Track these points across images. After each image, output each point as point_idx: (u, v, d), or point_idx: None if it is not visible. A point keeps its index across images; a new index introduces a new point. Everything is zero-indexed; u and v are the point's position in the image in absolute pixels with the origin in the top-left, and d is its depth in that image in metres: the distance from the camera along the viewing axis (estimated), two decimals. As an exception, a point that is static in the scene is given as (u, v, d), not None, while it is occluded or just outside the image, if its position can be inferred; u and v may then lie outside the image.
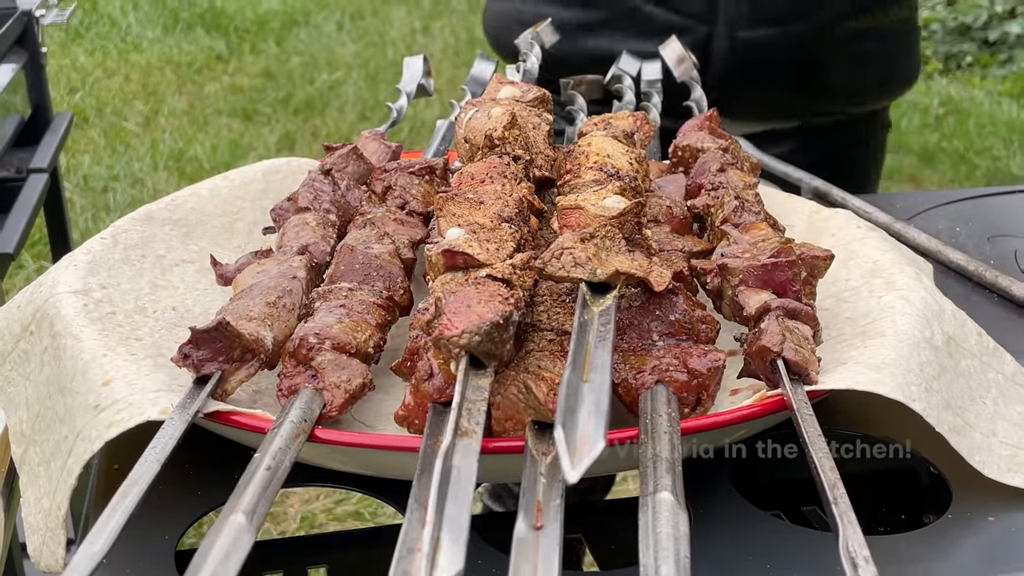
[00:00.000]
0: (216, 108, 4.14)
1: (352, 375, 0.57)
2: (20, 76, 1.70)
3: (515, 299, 0.54)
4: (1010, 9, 4.41)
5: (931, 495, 0.61)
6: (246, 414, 0.55)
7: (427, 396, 0.54)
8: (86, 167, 3.54)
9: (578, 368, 0.48)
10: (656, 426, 0.51)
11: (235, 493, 0.46)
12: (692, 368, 0.56)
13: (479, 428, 0.48)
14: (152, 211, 0.76)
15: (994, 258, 0.86)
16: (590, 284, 0.55)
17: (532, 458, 0.49)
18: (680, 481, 0.46)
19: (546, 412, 0.52)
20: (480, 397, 0.50)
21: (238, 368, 0.58)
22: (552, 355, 0.56)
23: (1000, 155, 3.67)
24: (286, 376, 0.57)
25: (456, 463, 0.45)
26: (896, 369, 0.56)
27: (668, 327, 0.59)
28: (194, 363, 0.57)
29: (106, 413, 0.54)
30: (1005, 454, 0.58)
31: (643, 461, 0.48)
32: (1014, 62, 4.31)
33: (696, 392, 0.56)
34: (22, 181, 1.53)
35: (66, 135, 1.77)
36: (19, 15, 1.69)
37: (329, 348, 0.58)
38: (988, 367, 0.62)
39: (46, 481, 0.56)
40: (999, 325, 0.65)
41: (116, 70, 4.58)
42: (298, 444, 0.51)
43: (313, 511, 1.95)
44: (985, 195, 1.00)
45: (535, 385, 0.53)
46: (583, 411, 0.44)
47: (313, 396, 0.56)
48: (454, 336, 0.51)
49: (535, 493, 0.46)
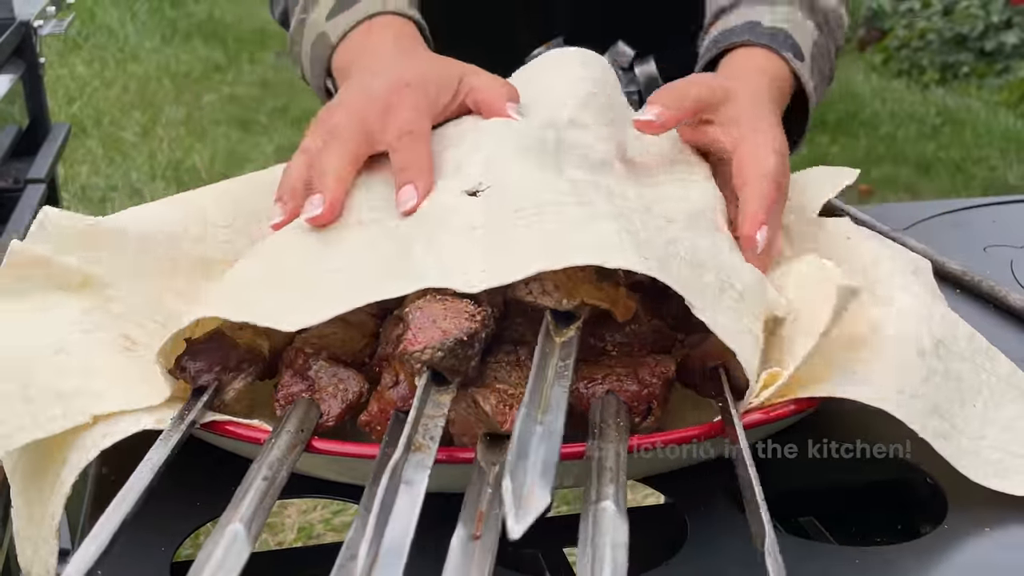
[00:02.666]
0: (214, 118, 4.15)
1: (348, 385, 0.57)
2: (18, 86, 1.70)
3: (482, 316, 0.54)
4: (1006, 19, 4.42)
5: (927, 506, 0.61)
6: (243, 424, 0.55)
7: (391, 403, 0.55)
8: (84, 177, 3.54)
9: (533, 408, 0.48)
10: (604, 436, 0.51)
11: (232, 503, 0.46)
12: (642, 378, 0.57)
13: (434, 444, 0.49)
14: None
15: (990, 268, 0.86)
16: (555, 312, 0.56)
17: (480, 469, 0.50)
18: (623, 491, 0.46)
19: (495, 424, 0.53)
20: (439, 413, 0.51)
21: (235, 378, 0.58)
22: (508, 365, 0.56)
23: (997, 165, 3.67)
24: (283, 386, 0.57)
25: (407, 477, 0.46)
26: (878, 376, 0.56)
27: (624, 336, 0.59)
28: (191, 374, 0.57)
29: (101, 424, 0.54)
30: (993, 459, 0.58)
31: (588, 471, 0.48)
32: (1010, 72, 4.32)
33: (647, 401, 0.56)
34: (20, 191, 1.53)
35: (64, 145, 1.77)
36: (17, 25, 1.69)
37: (325, 358, 0.58)
38: (980, 369, 0.62)
39: (37, 491, 0.56)
40: (995, 335, 0.65)
41: (114, 80, 4.58)
42: (295, 454, 0.52)
43: (310, 522, 1.94)
44: (981, 205, 1.00)
45: (483, 399, 0.53)
46: (532, 459, 0.44)
47: (310, 406, 0.56)
48: (416, 351, 0.52)
49: (479, 504, 0.46)
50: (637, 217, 0.61)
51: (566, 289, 0.56)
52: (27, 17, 1.73)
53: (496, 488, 0.47)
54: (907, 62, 4.62)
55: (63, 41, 4.74)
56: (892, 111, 4.13)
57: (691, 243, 0.62)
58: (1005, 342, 0.66)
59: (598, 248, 0.55)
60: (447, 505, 0.52)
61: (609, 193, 0.66)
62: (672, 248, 0.59)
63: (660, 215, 0.66)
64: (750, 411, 0.56)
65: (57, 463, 0.55)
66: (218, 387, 0.58)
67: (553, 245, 0.56)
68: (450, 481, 0.54)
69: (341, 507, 1.95)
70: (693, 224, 0.66)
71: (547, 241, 0.56)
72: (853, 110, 4.10)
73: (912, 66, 4.59)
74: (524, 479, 0.42)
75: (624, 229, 0.57)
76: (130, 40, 5.12)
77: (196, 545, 0.61)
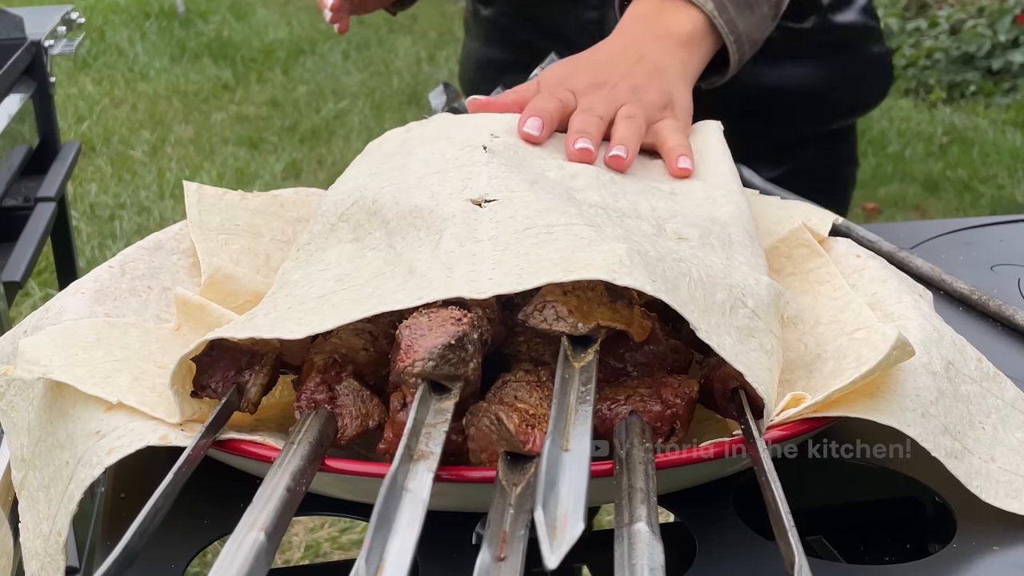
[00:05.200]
0: (222, 137, 4.17)
1: (370, 410, 0.57)
2: (28, 105, 1.71)
3: (470, 318, 0.54)
4: (1013, 38, 4.43)
5: (936, 525, 0.61)
6: (258, 443, 0.55)
7: (402, 427, 0.55)
8: (93, 195, 3.55)
9: (559, 435, 0.48)
10: (631, 457, 0.51)
11: (253, 509, 0.45)
12: (666, 398, 0.56)
13: (437, 449, 0.48)
14: (161, 240, 0.76)
15: (997, 287, 0.86)
16: (571, 337, 0.56)
17: (502, 488, 0.49)
18: (655, 512, 0.46)
19: (518, 443, 0.52)
20: (441, 420, 0.51)
21: (252, 375, 0.58)
22: (529, 385, 0.56)
23: (1004, 183, 3.67)
24: (308, 390, 0.57)
25: (409, 485, 0.45)
26: (891, 395, 0.56)
27: (643, 356, 0.59)
28: (213, 389, 0.58)
29: (107, 439, 0.54)
30: (1003, 480, 0.58)
31: (618, 492, 0.48)
32: (1018, 91, 4.32)
33: (670, 422, 0.56)
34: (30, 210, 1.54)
35: (73, 164, 1.78)
36: (28, 45, 1.71)
37: (352, 373, 0.58)
38: (988, 392, 0.62)
39: (45, 506, 0.57)
40: (1002, 354, 0.65)
41: (123, 99, 4.61)
42: (315, 468, 0.51)
43: (317, 540, 1.94)
44: (989, 224, 1.00)
45: (506, 417, 0.53)
46: (563, 487, 0.44)
47: (329, 419, 0.56)
48: (407, 366, 0.52)
49: (502, 524, 0.46)
50: (648, 242, 0.61)
51: (580, 313, 0.56)
52: (38, 37, 1.74)
53: (518, 509, 0.47)
54: (914, 81, 4.63)
55: (73, 60, 4.77)
56: (899, 130, 4.13)
57: (703, 261, 0.62)
58: (1013, 362, 0.66)
59: (608, 266, 0.55)
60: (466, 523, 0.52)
61: (621, 215, 0.66)
62: (683, 267, 0.59)
63: (672, 234, 0.66)
64: (769, 428, 0.56)
65: (64, 479, 0.55)
66: (239, 389, 0.58)
67: (563, 260, 0.56)
68: (468, 500, 0.54)
69: (348, 524, 1.95)
70: (706, 239, 0.66)
71: (557, 256, 0.57)
72: (861, 128, 4.08)
73: (919, 85, 4.60)
74: (556, 509, 0.42)
75: (634, 250, 0.57)
76: (139, 59, 5.15)
77: (204, 564, 0.62)
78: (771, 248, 0.75)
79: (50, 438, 0.59)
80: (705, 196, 0.74)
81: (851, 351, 0.60)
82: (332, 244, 0.67)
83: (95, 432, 0.55)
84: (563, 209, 0.62)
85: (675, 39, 0.84)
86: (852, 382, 0.55)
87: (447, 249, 0.59)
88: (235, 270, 0.71)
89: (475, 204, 0.63)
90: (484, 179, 0.66)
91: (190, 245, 0.77)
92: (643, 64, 0.82)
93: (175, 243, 0.76)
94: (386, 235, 0.65)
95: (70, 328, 0.63)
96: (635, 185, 0.73)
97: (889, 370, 0.58)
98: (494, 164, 0.68)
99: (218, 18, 5.81)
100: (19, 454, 0.61)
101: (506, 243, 0.59)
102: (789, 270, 0.74)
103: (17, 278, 1.33)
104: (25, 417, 0.62)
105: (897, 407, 0.56)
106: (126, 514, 0.58)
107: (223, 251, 0.75)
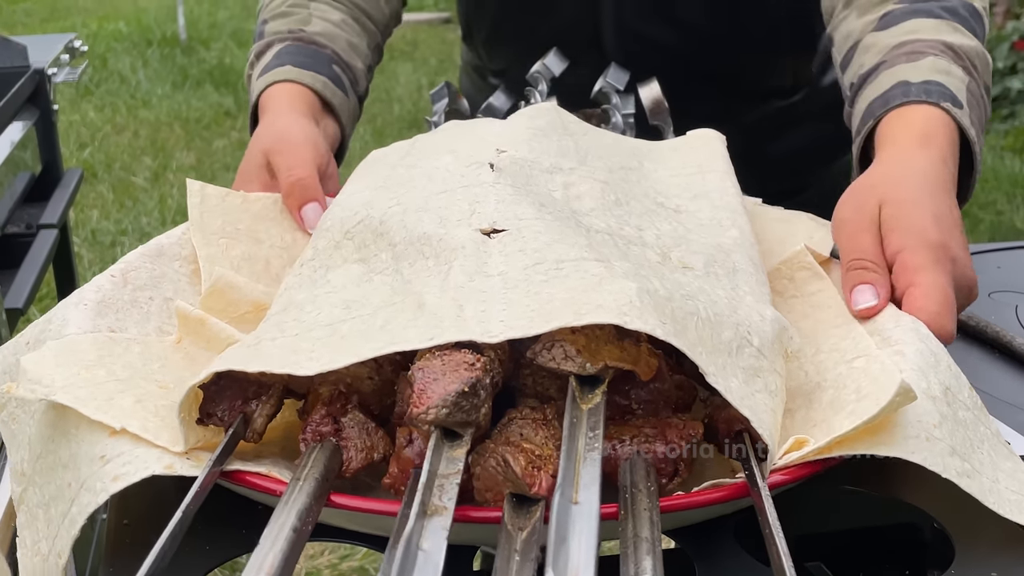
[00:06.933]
0: (224, 163, 4.18)
1: (375, 443, 0.57)
2: (31, 133, 1.72)
3: (483, 363, 0.54)
4: (1011, 65, 4.44)
5: (935, 551, 0.61)
6: (264, 476, 0.55)
7: (408, 462, 0.55)
8: (94, 222, 3.56)
9: (568, 486, 0.48)
10: (636, 502, 0.51)
11: (259, 552, 0.45)
12: (670, 439, 0.56)
13: (451, 504, 0.48)
14: (163, 245, 0.76)
15: (995, 314, 0.86)
16: (579, 376, 0.56)
17: (507, 533, 0.49)
18: (660, 562, 0.46)
19: (524, 486, 0.52)
20: (454, 470, 0.51)
21: (259, 405, 0.58)
22: (535, 423, 0.56)
23: (1003, 209, 3.68)
24: (314, 422, 0.57)
25: (424, 545, 0.45)
26: (893, 427, 0.56)
27: (648, 394, 0.59)
28: (219, 418, 0.58)
29: (111, 465, 0.54)
30: (1012, 499, 0.58)
31: (623, 540, 0.48)
32: (1016, 117, 4.34)
33: (675, 464, 0.56)
34: (32, 236, 1.55)
35: (76, 191, 1.79)
36: (32, 73, 1.72)
37: (357, 405, 0.58)
38: (979, 421, 0.62)
39: (44, 525, 0.56)
40: (1001, 382, 0.66)
41: (125, 126, 4.62)
42: (321, 505, 0.51)
43: (318, 567, 1.94)
44: (986, 251, 1.01)
45: (513, 459, 0.53)
46: (573, 543, 0.44)
47: (335, 452, 0.56)
48: (421, 413, 0.52)
49: (508, 571, 0.46)
50: (655, 276, 0.61)
51: (588, 352, 0.56)
52: (41, 65, 1.76)
53: (524, 557, 0.47)
54: (913, 107, 4.63)
55: (75, 88, 4.79)
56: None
57: (709, 296, 0.62)
58: (1011, 388, 0.66)
59: (619, 307, 0.55)
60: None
61: (627, 243, 0.66)
62: (691, 305, 0.59)
63: (677, 262, 0.66)
64: (773, 471, 0.56)
65: (66, 500, 0.55)
66: (246, 419, 0.58)
67: (574, 301, 0.56)
68: (471, 536, 0.54)
69: (348, 551, 1.94)
70: (710, 268, 0.67)
71: (568, 296, 0.57)
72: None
73: (918, 111, 4.60)
74: (567, 565, 0.43)
75: (644, 289, 0.57)
76: (141, 87, 5.17)
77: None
78: (773, 270, 0.75)
79: (51, 456, 0.58)
80: (711, 217, 0.74)
81: (850, 380, 0.61)
82: (337, 263, 0.67)
83: (100, 456, 0.55)
84: (572, 241, 0.62)
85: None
86: (854, 428, 0.55)
87: (456, 284, 0.59)
88: (236, 279, 0.71)
89: (484, 234, 0.63)
90: (492, 204, 0.66)
91: (191, 251, 0.76)
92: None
93: (177, 249, 0.76)
94: (393, 259, 0.65)
95: (72, 344, 0.63)
96: (639, 206, 0.73)
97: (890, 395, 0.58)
98: (500, 185, 0.68)
99: (220, 45, 5.84)
100: (19, 468, 0.60)
101: (516, 280, 0.58)
102: (791, 292, 0.74)
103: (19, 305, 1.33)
104: (26, 431, 0.61)
105: (900, 436, 0.56)
106: (129, 540, 0.58)
107: (223, 257, 0.75)
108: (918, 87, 0.81)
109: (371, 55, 1.08)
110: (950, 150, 0.78)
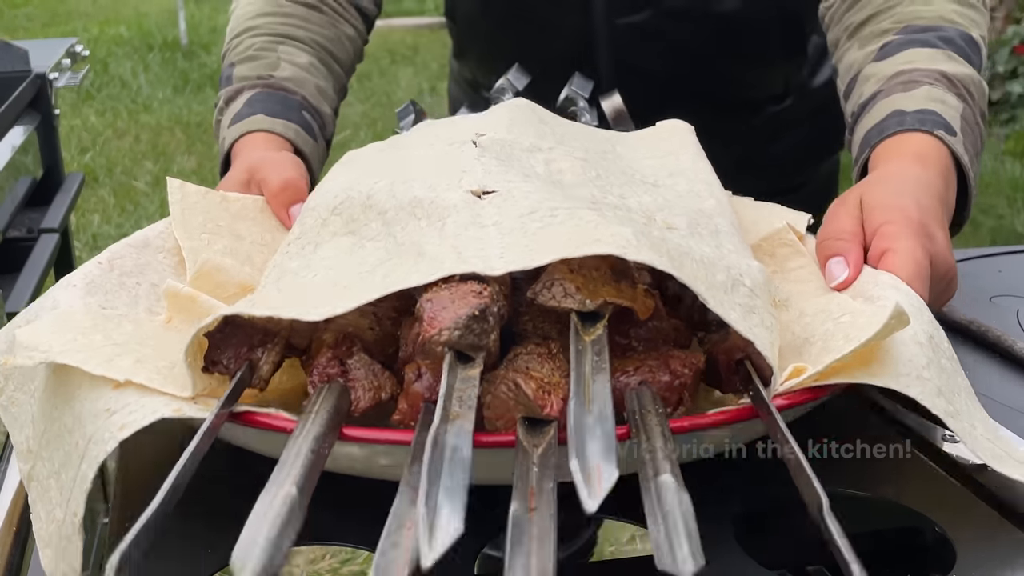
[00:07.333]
0: (225, 168, 4.18)
1: (383, 383, 0.58)
2: (33, 137, 1.72)
3: (490, 292, 0.56)
4: (1011, 69, 4.45)
5: (936, 555, 0.61)
6: (272, 415, 0.55)
7: (418, 397, 0.56)
8: (95, 226, 3.57)
9: (581, 399, 0.50)
10: (646, 423, 0.52)
11: (281, 470, 0.45)
12: (674, 369, 0.58)
13: (471, 411, 0.49)
14: (149, 237, 0.76)
15: (996, 318, 0.86)
16: (580, 313, 0.57)
17: (524, 450, 0.50)
18: (678, 468, 0.46)
19: (536, 408, 0.54)
20: (470, 385, 0.52)
21: (264, 353, 0.59)
22: (540, 357, 0.57)
23: (1004, 214, 3.68)
24: (320, 365, 0.58)
25: (450, 442, 0.46)
26: (887, 362, 0.57)
27: (647, 332, 0.61)
28: (224, 365, 0.58)
29: (118, 415, 0.54)
30: (987, 447, 0.59)
31: (640, 453, 0.49)
32: (1016, 121, 4.34)
33: (678, 393, 0.57)
34: (33, 241, 1.55)
35: (77, 195, 1.79)
36: (33, 78, 1.72)
37: (362, 350, 0.59)
38: (957, 372, 0.63)
39: (57, 492, 0.56)
40: (1002, 385, 0.66)
41: (126, 130, 4.63)
42: (335, 436, 0.52)
43: (319, 571, 1.94)
44: (987, 255, 1.01)
45: (524, 382, 0.54)
46: (591, 443, 0.46)
47: (343, 392, 0.56)
48: (434, 335, 0.53)
49: (528, 481, 0.47)
50: (644, 228, 0.63)
51: (588, 290, 0.58)
52: (43, 70, 1.76)
53: (543, 467, 0.48)
54: (913, 112, 4.64)
55: (77, 92, 4.80)
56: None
57: (696, 248, 0.63)
58: (1011, 392, 0.66)
59: (617, 243, 0.56)
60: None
61: (613, 208, 0.67)
62: (684, 248, 0.61)
63: (662, 223, 0.68)
64: (775, 396, 0.57)
65: (75, 461, 0.55)
66: (252, 366, 0.58)
67: (572, 238, 0.57)
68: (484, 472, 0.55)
69: (350, 556, 1.94)
70: (694, 228, 0.68)
71: (565, 235, 0.58)
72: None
73: (918, 116, 4.61)
74: (589, 460, 0.45)
75: (639, 232, 0.59)
76: (142, 91, 5.18)
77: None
78: (754, 246, 0.76)
79: (56, 424, 0.58)
80: (688, 189, 0.76)
81: (839, 333, 0.62)
82: (326, 238, 0.68)
83: (105, 410, 0.55)
84: (563, 196, 0.64)
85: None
86: (852, 350, 0.56)
87: (453, 233, 0.60)
88: (223, 261, 0.72)
89: (475, 195, 0.64)
90: (480, 172, 0.67)
91: (175, 244, 0.77)
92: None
93: (161, 241, 0.76)
94: (383, 225, 0.65)
95: (66, 313, 0.63)
96: (619, 179, 0.74)
97: (882, 341, 0.59)
98: (486, 158, 0.69)
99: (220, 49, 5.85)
100: (24, 446, 0.60)
101: (511, 227, 0.60)
102: (772, 268, 0.75)
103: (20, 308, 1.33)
104: (28, 410, 0.61)
105: (893, 372, 0.57)
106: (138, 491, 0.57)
107: (206, 250, 0.75)
108: (912, 116, 0.82)
109: (336, 98, 1.08)
110: (945, 173, 0.80)
